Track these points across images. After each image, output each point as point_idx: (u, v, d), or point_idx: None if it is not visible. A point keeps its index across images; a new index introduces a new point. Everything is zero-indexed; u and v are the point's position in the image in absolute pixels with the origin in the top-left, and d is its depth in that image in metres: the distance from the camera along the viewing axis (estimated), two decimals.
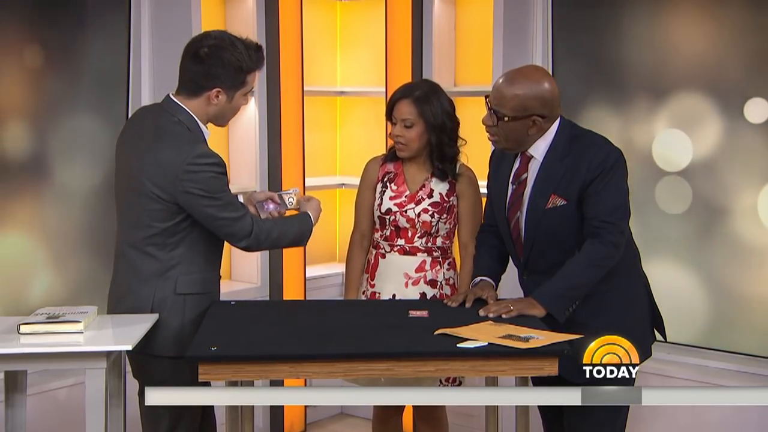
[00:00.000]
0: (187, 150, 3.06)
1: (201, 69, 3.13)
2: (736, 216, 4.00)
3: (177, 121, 3.14)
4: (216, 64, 3.12)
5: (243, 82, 3.16)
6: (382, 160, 3.73)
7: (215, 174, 3.08)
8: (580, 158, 3.15)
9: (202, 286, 3.18)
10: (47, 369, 3.88)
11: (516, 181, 3.27)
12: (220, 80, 3.13)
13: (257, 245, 3.21)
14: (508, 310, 3.08)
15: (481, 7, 4.75)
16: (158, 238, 3.12)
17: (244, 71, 3.15)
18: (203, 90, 3.14)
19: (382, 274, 3.66)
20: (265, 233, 3.19)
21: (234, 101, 3.19)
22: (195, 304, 3.15)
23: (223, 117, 3.22)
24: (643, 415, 4.02)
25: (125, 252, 3.18)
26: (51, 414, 3.95)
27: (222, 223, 3.12)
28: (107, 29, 4.23)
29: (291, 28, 4.73)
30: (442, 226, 3.62)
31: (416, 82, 3.89)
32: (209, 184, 3.07)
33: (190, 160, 3.05)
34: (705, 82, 4.04)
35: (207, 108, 3.17)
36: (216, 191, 3.08)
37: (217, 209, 3.09)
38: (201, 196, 3.07)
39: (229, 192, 3.15)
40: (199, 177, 3.06)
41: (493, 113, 3.16)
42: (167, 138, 3.11)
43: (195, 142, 3.10)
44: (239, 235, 3.15)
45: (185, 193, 3.06)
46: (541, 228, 3.20)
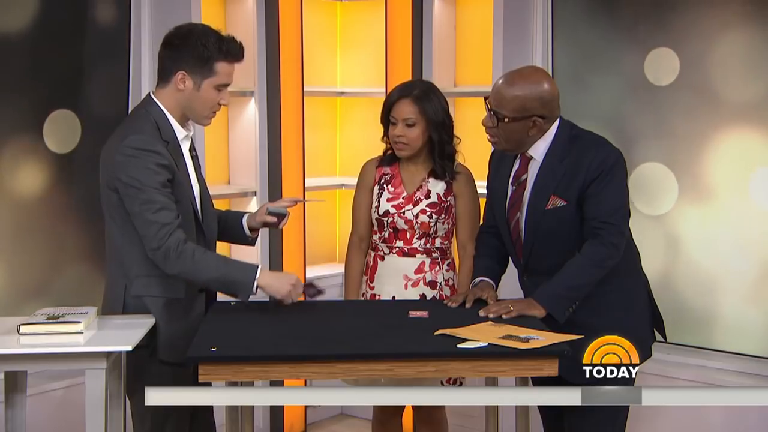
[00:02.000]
0: (128, 136, 3.01)
1: (169, 53, 3.11)
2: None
3: (144, 113, 3.10)
4: (182, 46, 3.09)
5: (210, 69, 3.09)
6: (378, 163, 3.72)
7: (149, 165, 2.97)
8: (580, 159, 3.15)
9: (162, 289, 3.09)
10: (47, 369, 3.88)
11: (516, 182, 3.27)
12: (185, 62, 3.08)
13: (164, 261, 2.97)
14: (508, 310, 3.08)
15: (481, 7, 4.75)
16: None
17: (212, 57, 3.08)
18: (170, 74, 3.10)
19: (382, 277, 3.65)
20: (179, 253, 2.95)
21: (202, 91, 3.10)
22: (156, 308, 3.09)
23: (192, 109, 3.13)
24: (644, 415, 4.02)
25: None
26: (51, 414, 3.95)
27: (138, 220, 2.98)
28: (107, 29, 4.23)
29: (291, 28, 4.72)
30: (440, 227, 3.62)
31: (412, 82, 3.88)
32: (137, 173, 2.97)
33: (125, 144, 2.99)
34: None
35: (176, 96, 3.10)
36: (142, 182, 2.96)
37: (137, 203, 2.97)
38: (126, 184, 2.98)
39: (164, 192, 2.99)
40: (129, 163, 2.97)
41: (493, 114, 3.16)
42: (121, 127, 3.10)
43: (143, 132, 3.03)
44: (149, 241, 2.96)
45: (117, 180, 3.00)
46: (541, 229, 3.20)
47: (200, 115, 3.16)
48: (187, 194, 3.12)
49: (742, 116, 3.97)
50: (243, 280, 3.05)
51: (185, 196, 3.11)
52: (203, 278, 3.04)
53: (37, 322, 2.92)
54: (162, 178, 3.00)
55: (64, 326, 2.92)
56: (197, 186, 3.21)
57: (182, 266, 2.99)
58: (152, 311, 3.09)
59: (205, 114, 3.16)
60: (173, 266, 2.99)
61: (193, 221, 3.15)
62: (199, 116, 3.17)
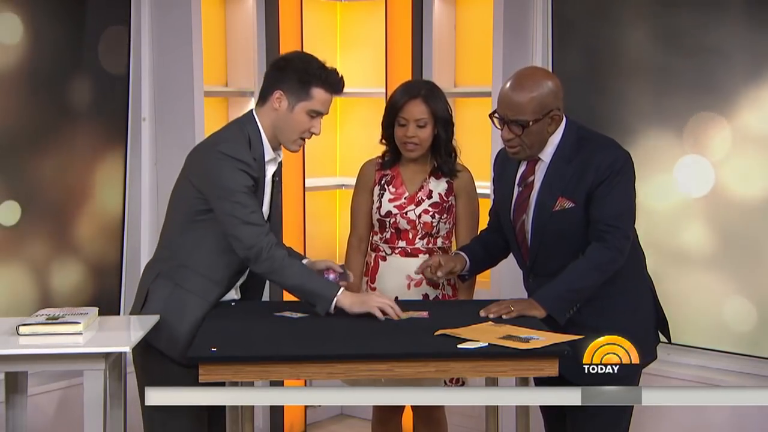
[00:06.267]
0: (220, 143, 3.11)
1: (272, 73, 3.20)
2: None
3: (239, 127, 3.18)
4: (285, 68, 3.16)
5: (307, 93, 3.14)
6: (378, 166, 3.71)
7: (239, 169, 3.06)
8: (589, 160, 3.13)
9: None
10: (47, 370, 3.88)
11: (522, 183, 3.24)
12: (284, 83, 3.14)
13: (256, 259, 3.07)
14: (509, 310, 3.07)
15: (481, 7, 4.75)
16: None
17: (311, 81, 3.13)
18: (269, 93, 3.17)
19: (383, 277, 3.65)
20: (271, 254, 3.05)
21: (295, 113, 3.14)
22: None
23: (282, 130, 3.17)
24: (646, 417, 4.01)
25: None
26: (52, 415, 3.94)
27: (230, 221, 3.07)
28: (107, 29, 4.23)
29: (291, 28, 4.72)
30: (442, 227, 3.62)
31: (415, 82, 3.87)
32: (229, 176, 3.05)
33: (218, 149, 3.08)
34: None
35: (270, 115, 3.17)
36: (234, 184, 3.05)
37: (228, 204, 3.06)
38: (216, 186, 3.07)
39: (252, 195, 3.10)
40: (220, 167, 3.06)
41: (513, 125, 3.10)
42: (216, 133, 3.21)
43: (234, 141, 3.11)
44: (245, 239, 3.06)
45: (207, 183, 3.08)
46: (548, 231, 3.18)
47: (289, 138, 3.19)
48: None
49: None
50: (324, 294, 3.08)
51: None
52: (288, 282, 3.10)
53: (36, 322, 2.92)
54: (250, 183, 3.08)
55: (63, 327, 2.91)
56: (267, 210, 3.25)
57: (271, 266, 3.06)
58: (178, 304, 3.12)
59: (293, 138, 3.19)
60: (262, 265, 3.07)
61: None
62: (288, 140, 3.20)
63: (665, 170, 4.13)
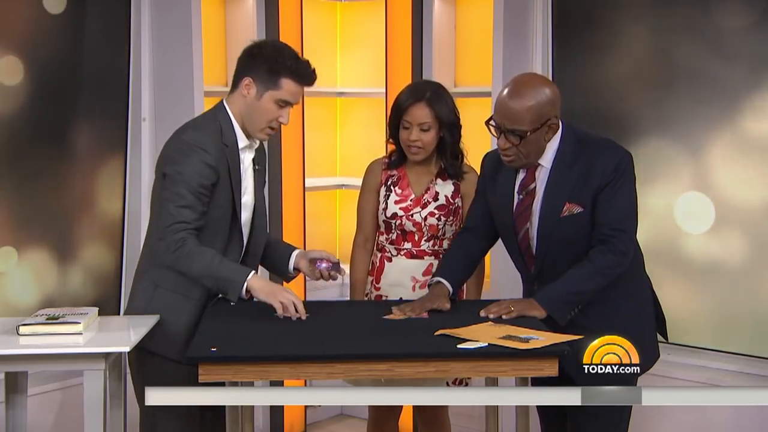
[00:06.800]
0: (186, 131, 3.08)
1: (243, 60, 3.17)
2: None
3: (211, 115, 3.15)
4: (257, 55, 3.13)
5: (276, 83, 3.10)
6: (384, 165, 3.69)
7: (194, 162, 3.01)
8: (592, 163, 3.10)
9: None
10: (47, 370, 3.88)
11: (523, 191, 3.19)
12: (254, 70, 3.12)
13: (165, 252, 3.01)
14: (509, 311, 3.07)
15: (481, 8, 4.75)
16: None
17: (280, 71, 3.10)
18: (239, 79, 3.14)
19: (389, 278, 3.63)
20: (177, 247, 2.98)
21: (263, 101, 3.11)
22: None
23: (250, 118, 3.13)
24: (647, 416, 4.01)
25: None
26: (52, 415, 3.94)
27: (163, 210, 3.01)
28: (108, 29, 4.24)
29: (291, 28, 4.72)
30: (448, 229, 3.60)
31: (421, 84, 3.85)
32: (182, 167, 3.01)
33: (181, 137, 3.05)
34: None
35: (239, 102, 3.13)
36: (182, 175, 2.99)
37: (168, 192, 3.01)
38: (167, 174, 3.03)
39: (197, 193, 3.01)
40: (177, 155, 3.03)
41: (510, 134, 3.06)
42: (186, 123, 3.18)
43: (201, 130, 3.08)
44: (161, 231, 3.01)
45: (165, 169, 3.05)
46: (555, 237, 3.14)
47: (256, 127, 3.15)
48: (229, 202, 3.12)
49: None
50: (233, 278, 3.02)
51: (226, 203, 3.12)
52: (195, 271, 3.02)
53: (36, 322, 2.92)
54: (204, 180, 3.02)
55: (63, 327, 2.92)
56: (251, 199, 3.21)
57: (176, 257, 3.00)
58: (161, 304, 3.11)
59: (260, 127, 3.15)
60: (169, 257, 3.02)
61: (227, 229, 3.15)
62: (256, 128, 3.15)
63: (665, 170, 4.13)
